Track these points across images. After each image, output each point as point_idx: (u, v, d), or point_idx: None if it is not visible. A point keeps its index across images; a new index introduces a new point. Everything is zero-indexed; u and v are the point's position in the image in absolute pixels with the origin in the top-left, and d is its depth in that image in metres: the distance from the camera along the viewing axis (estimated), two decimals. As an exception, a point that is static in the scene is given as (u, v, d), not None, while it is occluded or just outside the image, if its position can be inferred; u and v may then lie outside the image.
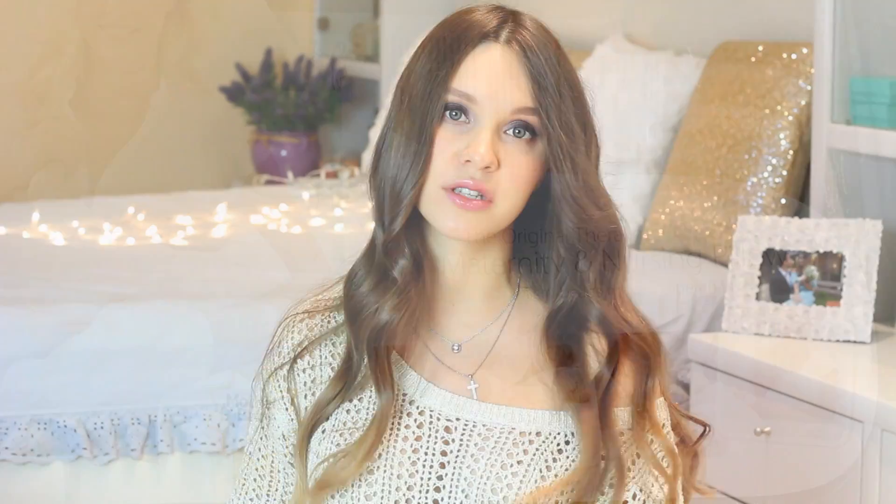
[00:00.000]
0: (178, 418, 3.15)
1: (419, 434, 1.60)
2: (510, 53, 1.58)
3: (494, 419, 1.60)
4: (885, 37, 3.05)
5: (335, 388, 1.63)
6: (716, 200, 3.48)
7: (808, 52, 3.38)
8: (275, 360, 1.70)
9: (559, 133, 1.57)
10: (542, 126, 1.57)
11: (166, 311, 3.16)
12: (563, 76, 1.58)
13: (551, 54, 1.58)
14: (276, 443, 1.69)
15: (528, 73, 1.58)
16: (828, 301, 2.91)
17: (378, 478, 1.58)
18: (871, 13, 3.03)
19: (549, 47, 1.59)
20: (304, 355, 1.67)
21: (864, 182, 3.08)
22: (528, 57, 1.58)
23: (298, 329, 1.69)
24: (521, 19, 1.62)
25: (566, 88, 1.58)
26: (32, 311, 3.09)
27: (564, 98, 1.57)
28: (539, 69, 1.57)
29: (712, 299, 3.37)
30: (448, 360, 1.64)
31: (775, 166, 3.38)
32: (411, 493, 1.58)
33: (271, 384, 1.69)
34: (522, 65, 1.58)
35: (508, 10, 1.62)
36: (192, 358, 3.14)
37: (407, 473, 1.59)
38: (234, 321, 3.18)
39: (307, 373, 1.66)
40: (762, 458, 2.75)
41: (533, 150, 1.59)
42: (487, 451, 1.59)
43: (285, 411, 1.67)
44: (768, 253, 2.99)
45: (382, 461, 1.59)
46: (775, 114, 3.40)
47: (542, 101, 1.57)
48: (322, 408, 1.63)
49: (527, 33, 1.59)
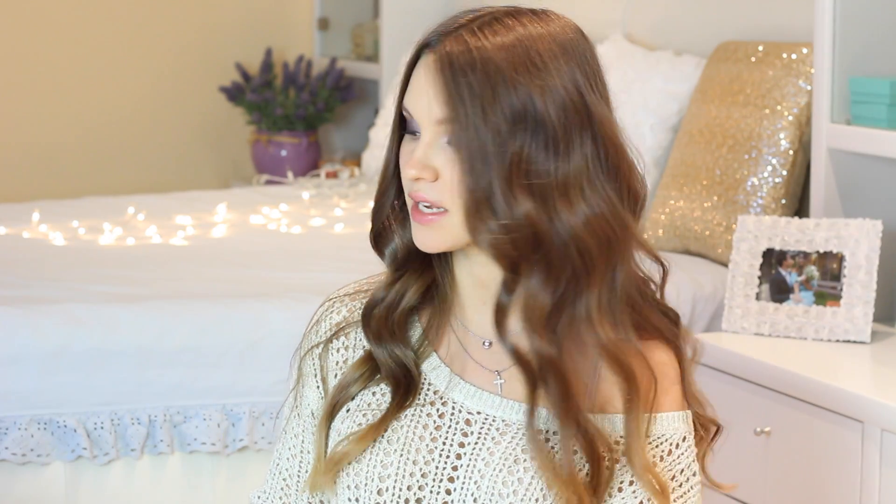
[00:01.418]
0: (178, 418, 3.15)
1: (439, 424, 1.62)
2: (434, 65, 1.57)
3: (514, 415, 1.62)
4: (885, 37, 3.05)
5: (359, 370, 1.66)
6: (716, 200, 3.48)
7: (808, 52, 3.38)
8: (312, 339, 1.72)
9: (465, 144, 1.55)
10: (453, 136, 1.56)
11: (166, 311, 3.16)
12: (482, 88, 1.54)
13: (477, 65, 1.55)
14: (306, 420, 1.71)
15: (444, 85, 1.56)
16: (828, 301, 2.91)
17: (393, 460, 1.61)
18: (871, 13, 3.03)
19: (484, 59, 1.55)
20: (340, 336, 1.70)
21: (864, 182, 3.08)
22: (445, 70, 1.56)
23: (338, 310, 1.72)
24: (471, 27, 1.58)
25: (481, 101, 1.54)
26: (32, 311, 3.09)
27: (476, 111, 1.54)
28: (453, 81, 1.55)
29: (712, 299, 3.37)
30: (478, 356, 1.66)
31: (775, 166, 3.38)
32: (425, 481, 1.60)
33: (306, 362, 1.71)
34: (440, 77, 1.56)
35: (469, 18, 1.60)
36: (192, 358, 3.14)
37: (423, 461, 1.61)
38: (234, 321, 3.18)
39: (340, 353, 1.69)
40: (762, 458, 2.75)
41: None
42: (503, 446, 1.60)
43: (316, 389, 1.70)
44: (768, 253, 2.99)
45: (400, 445, 1.61)
46: (775, 114, 3.41)
47: (452, 114, 1.55)
48: (344, 388, 1.66)
49: (457, 44, 1.56)
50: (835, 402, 2.58)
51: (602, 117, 1.59)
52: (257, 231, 4.17)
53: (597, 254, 1.56)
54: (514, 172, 1.54)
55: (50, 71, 5.52)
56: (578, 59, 1.60)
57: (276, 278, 3.46)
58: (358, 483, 1.61)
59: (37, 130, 5.52)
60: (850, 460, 2.56)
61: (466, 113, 1.55)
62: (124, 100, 5.65)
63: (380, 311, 1.65)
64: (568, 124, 1.56)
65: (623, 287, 1.59)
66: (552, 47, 1.58)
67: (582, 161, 1.57)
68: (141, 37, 5.64)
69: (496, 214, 1.55)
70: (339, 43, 5.87)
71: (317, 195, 4.74)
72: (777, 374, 2.72)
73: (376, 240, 1.68)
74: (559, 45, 1.59)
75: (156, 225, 4.17)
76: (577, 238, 1.55)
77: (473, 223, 1.56)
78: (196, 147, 5.80)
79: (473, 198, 1.55)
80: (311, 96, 5.50)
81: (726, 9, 3.84)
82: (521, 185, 1.54)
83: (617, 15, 4.28)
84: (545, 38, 1.58)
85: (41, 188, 5.45)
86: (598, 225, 1.57)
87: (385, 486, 1.60)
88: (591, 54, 1.63)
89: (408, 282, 1.66)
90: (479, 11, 1.61)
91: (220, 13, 5.75)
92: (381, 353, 1.65)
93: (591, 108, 1.58)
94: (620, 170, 1.60)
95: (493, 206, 1.55)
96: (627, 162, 1.61)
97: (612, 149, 1.59)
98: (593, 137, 1.58)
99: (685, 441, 1.64)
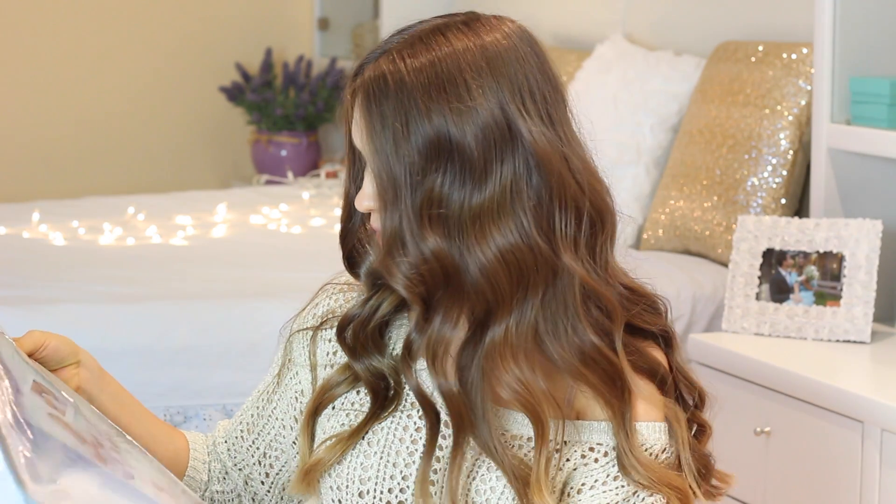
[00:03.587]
0: (179, 418, 3.15)
1: (420, 426, 1.61)
2: (357, 96, 1.55)
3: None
4: (885, 37, 3.05)
5: (343, 374, 1.66)
6: (716, 200, 3.48)
7: (808, 52, 3.38)
8: (306, 319, 1.72)
9: (379, 178, 1.52)
10: (373, 170, 1.54)
11: (166, 311, 3.16)
12: (395, 118, 1.51)
13: (391, 93, 1.51)
14: (289, 393, 1.72)
15: (362, 116, 1.54)
16: (828, 301, 2.91)
17: (373, 463, 1.60)
18: (871, 13, 3.03)
19: (398, 86, 1.51)
20: (327, 326, 1.69)
21: (864, 182, 3.08)
22: (363, 100, 1.54)
23: (336, 298, 1.71)
24: (391, 52, 1.55)
25: (392, 133, 1.51)
26: (32, 311, 3.09)
27: (388, 143, 1.51)
28: (368, 112, 1.53)
29: (712, 299, 3.37)
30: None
31: (775, 166, 3.38)
32: (406, 483, 1.59)
33: (297, 342, 1.71)
34: (360, 108, 1.54)
35: (396, 40, 1.57)
36: (192, 358, 3.14)
37: (403, 463, 1.60)
38: (234, 321, 3.18)
39: (331, 343, 1.68)
40: (762, 458, 2.75)
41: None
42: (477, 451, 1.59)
43: (309, 373, 1.70)
44: (768, 253, 2.99)
45: (380, 447, 1.61)
46: (775, 114, 3.41)
47: (369, 147, 1.53)
48: (328, 390, 1.66)
49: (374, 71, 1.54)
50: (835, 402, 2.58)
51: (532, 132, 1.52)
52: (257, 231, 4.17)
53: (506, 285, 1.52)
54: (424, 206, 1.51)
55: (50, 71, 5.52)
56: (509, 72, 1.52)
57: (276, 278, 3.46)
58: (340, 485, 1.61)
59: (37, 130, 5.52)
60: (850, 460, 2.55)
61: (379, 146, 1.52)
62: (124, 100, 5.65)
63: (354, 326, 1.64)
64: (487, 147, 1.51)
65: (539, 315, 1.53)
66: (477, 62, 1.52)
67: (501, 186, 1.51)
68: (141, 37, 5.64)
69: (405, 251, 1.52)
70: (339, 43, 5.87)
71: (317, 195, 4.74)
72: (777, 374, 2.72)
73: (349, 262, 1.66)
74: (487, 58, 1.52)
75: (156, 225, 4.17)
76: (487, 270, 1.51)
77: (386, 263, 1.53)
78: (196, 147, 5.80)
79: (386, 235, 1.53)
80: (311, 96, 5.50)
81: (726, 9, 3.84)
82: (433, 218, 1.51)
83: (617, 15, 4.28)
84: (469, 53, 1.52)
85: (41, 188, 5.45)
86: (511, 255, 1.51)
87: (366, 488, 1.60)
88: (531, 63, 1.55)
89: (382, 295, 1.63)
90: (408, 31, 1.58)
91: (219, 13, 5.75)
92: (359, 366, 1.64)
93: (515, 126, 1.51)
94: (556, 184, 1.52)
95: (403, 242, 1.52)
96: (572, 173, 1.54)
97: (545, 164, 1.52)
98: (521, 155, 1.51)
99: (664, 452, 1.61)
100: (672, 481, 1.58)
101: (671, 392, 1.64)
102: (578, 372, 1.55)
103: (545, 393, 1.55)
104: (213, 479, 1.76)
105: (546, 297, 1.53)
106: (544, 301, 1.53)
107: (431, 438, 1.58)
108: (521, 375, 1.54)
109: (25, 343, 1.60)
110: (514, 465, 1.55)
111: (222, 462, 1.77)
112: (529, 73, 1.54)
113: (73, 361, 1.65)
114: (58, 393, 1.51)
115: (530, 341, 1.54)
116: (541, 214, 1.52)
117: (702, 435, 1.68)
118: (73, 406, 1.52)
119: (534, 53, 1.56)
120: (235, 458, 1.76)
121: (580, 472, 1.59)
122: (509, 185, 1.51)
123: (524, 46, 1.55)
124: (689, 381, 1.66)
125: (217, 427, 1.80)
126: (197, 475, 1.75)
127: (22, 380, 1.46)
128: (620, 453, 1.58)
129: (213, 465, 1.77)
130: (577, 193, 1.54)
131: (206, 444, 1.78)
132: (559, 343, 1.54)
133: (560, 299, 1.54)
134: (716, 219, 3.47)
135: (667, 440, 1.61)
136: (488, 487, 1.58)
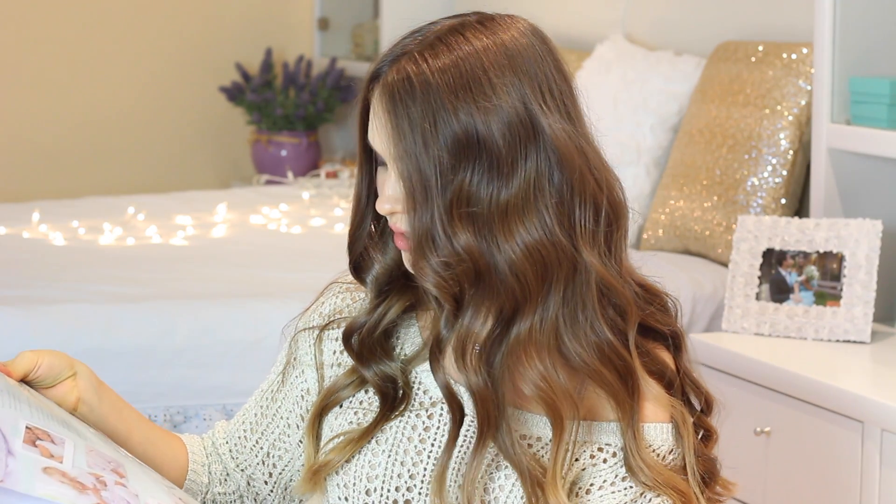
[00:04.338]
0: (179, 418, 3.15)
1: (428, 425, 1.62)
2: (380, 98, 1.56)
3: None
4: (885, 37, 3.05)
5: (349, 377, 1.66)
6: (716, 200, 3.48)
7: (808, 52, 3.38)
8: (311, 318, 1.72)
9: (408, 179, 1.52)
10: (400, 171, 1.53)
11: (166, 311, 3.16)
12: (423, 118, 1.51)
13: (417, 94, 1.52)
14: (294, 392, 1.72)
15: (388, 119, 1.54)
16: (828, 301, 2.91)
17: (381, 461, 1.61)
18: (871, 13, 3.03)
19: (424, 86, 1.52)
20: (334, 326, 1.69)
21: (864, 182, 3.08)
22: (388, 102, 1.54)
23: (342, 297, 1.72)
24: (412, 53, 1.56)
25: (422, 132, 1.51)
26: (32, 311, 3.09)
27: (417, 143, 1.51)
28: (394, 114, 1.53)
29: (712, 299, 3.37)
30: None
31: (775, 166, 3.38)
32: (413, 482, 1.60)
33: (303, 340, 1.71)
34: (385, 110, 1.55)
35: (414, 41, 1.57)
36: (192, 358, 3.14)
37: (411, 462, 1.60)
38: (234, 321, 3.18)
39: (337, 342, 1.69)
40: (762, 458, 2.76)
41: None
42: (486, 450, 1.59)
43: (315, 371, 1.70)
44: (768, 253, 2.99)
45: (388, 446, 1.61)
46: (775, 114, 3.41)
47: (397, 148, 1.53)
48: (334, 393, 1.66)
49: (398, 73, 1.54)
50: (835, 401, 2.58)
51: (553, 128, 1.53)
52: (257, 231, 4.17)
53: (533, 281, 1.52)
54: (454, 205, 1.51)
55: (50, 71, 5.52)
56: (528, 69, 1.54)
57: (276, 278, 3.46)
58: (347, 482, 1.62)
59: (36, 130, 5.52)
60: (850, 460, 2.55)
61: (408, 147, 1.52)
62: (124, 99, 5.65)
63: (360, 334, 1.64)
64: (513, 143, 1.52)
65: (560, 311, 1.54)
66: (499, 60, 1.53)
67: (525, 182, 1.52)
68: (141, 37, 5.64)
69: (438, 251, 1.52)
70: (339, 43, 5.87)
71: (317, 195, 4.74)
72: (777, 374, 2.72)
73: (356, 269, 1.66)
74: (507, 56, 1.54)
75: (156, 225, 4.17)
76: (515, 266, 1.52)
77: (418, 262, 1.53)
78: (196, 147, 5.80)
79: (416, 236, 1.53)
80: (311, 96, 5.50)
81: (726, 9, 3.84)
82: (463, 216, 1.52)
83: (617, 15, 4.28)
84: (491, 51, 1.53)
85: (41, 188, 5.45)
86: (536, 251, 1.52)
87: (373, 486, 1.60)
88: (548, 60, 1.56)
89: (389, 303, 1.64)
90: (424, 32, 1.58)
91: (220, 13, 5.75)
92: (367, 372, 1.64)
93: (537, 121, 1.53)
94: (577, 180, 1.54)
95: (434, 242, 1.52)
96: (590, 170, 1.55)
97: (566, 159, 1.53)
98: (543, 151, 1.53)
99: (671, 454, 1.62)
100: (677, 484, 1.59)
101: (678, 395, 1.64)
102: (595, 370, 1.55)
103: (565, 390, 1.55)
104: (213, 482, 1.76)
105: (566, 294, 1.54)
106: (565, 297, 1.54)
107: (454, 434, 1.58)
108: (545, 371, 1.54)
109: (17, 367, 1.57)
110: (528, 465, 1.55)
111: (224, 463, 1.76)
112: (547, 69, 1.56)
113: (69, 375, 1.63)
114: (53, 430, 1.45)
115: (552, 338, 1.54)
116: (562, 210, 1.54)
117: (708, 440, 1.68)
118: (72, 437, 1.46)
119: (549, 50, 1.57)
120: (238, 459, 1.76)
121: (588, 472, 1.59)
122: (532, 181, 1.52)
123: (539, 44, 1.57)
124: (695, 384, 1.67)
125: (215, 428, 1.79)
126: (197, 478, 1.75)
127: (13, 432, 1.39)
128: (627, 453, 1.58)
129: (214, 467, 1.77)
130: (595, 189, 1.55)
131: (204, 447, 1.78)
132: (577, 341, 1.55)
133: (579, 296, 1.55)
134: (716, 219, 3.47)
135: (673, 442, 1.61)
136: (497, 486, 1.58)
